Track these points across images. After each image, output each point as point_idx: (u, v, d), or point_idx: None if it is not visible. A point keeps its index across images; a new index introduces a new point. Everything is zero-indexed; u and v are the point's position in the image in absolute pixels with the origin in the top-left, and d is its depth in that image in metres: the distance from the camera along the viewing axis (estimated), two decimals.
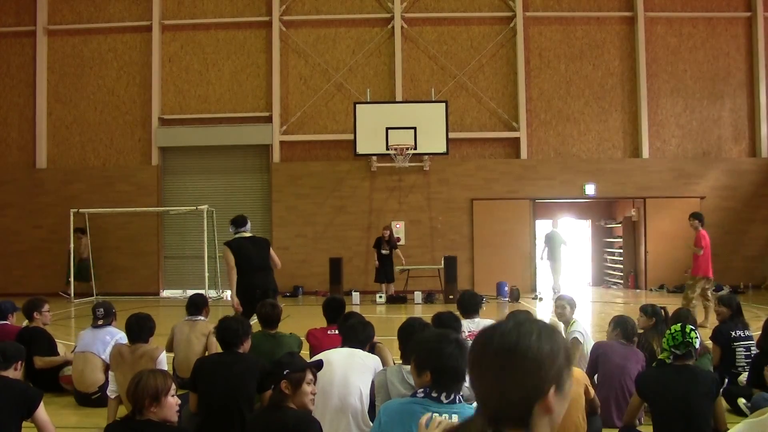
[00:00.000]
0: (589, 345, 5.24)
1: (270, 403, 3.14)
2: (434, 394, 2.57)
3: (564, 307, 5.58)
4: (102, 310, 5.70)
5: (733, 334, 5.41)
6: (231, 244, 7.45)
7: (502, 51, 16.14)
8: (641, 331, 5.66)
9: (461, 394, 2.64)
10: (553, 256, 14.39)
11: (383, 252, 13.98)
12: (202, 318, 6.00)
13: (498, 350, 1.33)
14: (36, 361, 5.90)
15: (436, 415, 2.23)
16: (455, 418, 2.43)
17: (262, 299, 6.60)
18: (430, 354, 2.63)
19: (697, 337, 3.88)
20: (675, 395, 3.62)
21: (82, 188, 16.05)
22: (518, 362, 1.31)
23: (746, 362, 5.29)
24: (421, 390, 2.63)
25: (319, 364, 3.33)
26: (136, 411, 2.88)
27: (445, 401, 2.56)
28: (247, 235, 7.69)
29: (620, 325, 4.93)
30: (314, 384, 3.18)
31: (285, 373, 3.09)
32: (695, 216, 10.33)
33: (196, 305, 6.03)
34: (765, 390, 4.74)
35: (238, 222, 7.77)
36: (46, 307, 6.37)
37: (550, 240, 14.52)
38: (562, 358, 1.35)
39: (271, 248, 7.75)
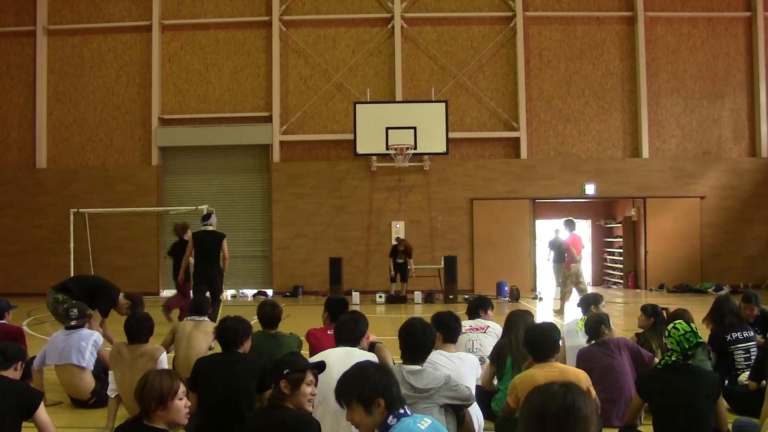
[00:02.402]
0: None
1: (268, 403, 3.13)
2: (402, 411, 2.65)
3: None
4: (76, 311, 5.66)
5: (728, 337, 5.32)
6: (193, 236, 9.60)
7: (502, 51, 16.13)
8: (641, 330, 5.66)
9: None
10: (558, 259, 14.59)
11: (398, 261, 14.04)
12: (206, 318, 6.01)
13: (558, 411, 1.71)
14: None
15: None
16: (428, 420, 2.63)
17: (209, 285, 9.21)
18: (376, 385, 2.68)
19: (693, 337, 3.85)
20: (676, 395, 3.61)
21: (82, 188, 16.05)
22: (576, 421, 1.73)
23: (746, 363, 5.21)
24: (392, 416, 2.63)
25: (321, 366, 3.32)
26: (143, 413, 2.86)
27: (411, 413, 2.68)
28: (209, 228, 9.46)
29: (585, 326, 5.03)
30: (314, 386, 3.17)
31: (285, 372, 3.07)
32: (564, 223, 12.17)
33: (201, 306, 6.04)
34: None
35: (204, 217, 9.74)
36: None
37: (554, 244, 14.68)
38: (595, 416, 1.72)
39: (223, 242, 9.37)
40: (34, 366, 5.56)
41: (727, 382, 5.19)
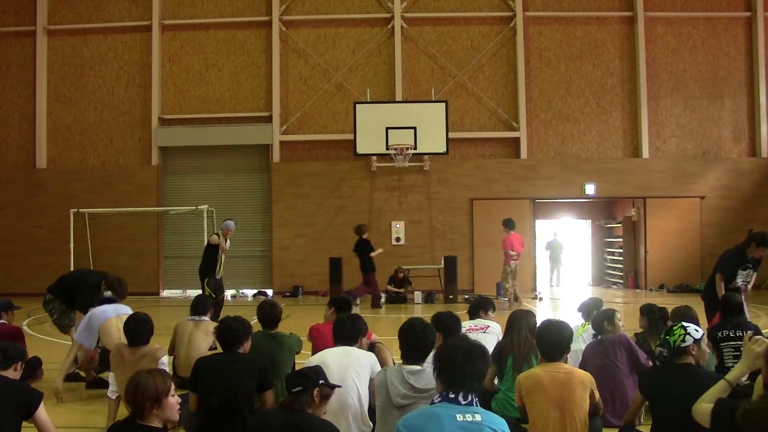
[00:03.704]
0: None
1: (291, 404, 3.14)
2: (451, 395, 2.70)
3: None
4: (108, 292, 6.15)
5: (720, 335, 5.32)
6: None
7: (502, 51, 16.13)
8: (641, 330, 5.66)
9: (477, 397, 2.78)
10: (554, 259, 17.18)
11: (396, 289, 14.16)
12: (206, 318, 6.01)
13: None
14: None
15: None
16: (477, 417, 2.63)
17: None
18: (438, 358, 2.84)
19: (682, 335, 3.76)
20: (676, 394, 3.60)
21: (82, 188, 16.05)
22: None
23: (734, 362, 5.16)
24: (438, 396, 2.76)
25: (338, 387, 3.51)
26: (137, 414, 2.86)
27: (463, 402, 2.69)
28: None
29: (592, 321, 5.13)
30: None
31: (320, 382, 3.19)
32: (503, 223, 12.50)
33: (202, 306, 6.05)
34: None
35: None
36: None
37: (551, 247, 17.14)
38: None
39: (211, 236, 10.67)
40: (89, 346, 5.83)
41: None
